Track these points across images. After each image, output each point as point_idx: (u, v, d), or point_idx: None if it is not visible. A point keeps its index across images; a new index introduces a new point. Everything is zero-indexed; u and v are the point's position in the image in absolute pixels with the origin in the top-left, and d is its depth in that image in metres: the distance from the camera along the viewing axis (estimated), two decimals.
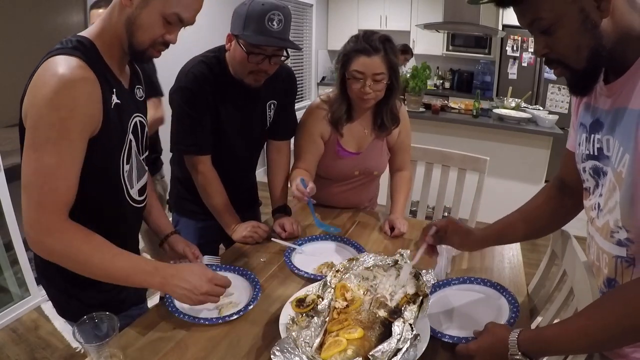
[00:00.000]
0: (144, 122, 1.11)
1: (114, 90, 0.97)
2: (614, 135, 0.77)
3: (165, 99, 1.60)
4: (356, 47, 1.44)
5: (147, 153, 1.15)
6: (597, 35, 0.73)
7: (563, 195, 1.06)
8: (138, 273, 0.96)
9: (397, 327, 0.85)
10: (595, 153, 0.83)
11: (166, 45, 0.97)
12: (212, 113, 1.38)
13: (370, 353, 0.80)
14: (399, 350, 0.80)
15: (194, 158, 1.42)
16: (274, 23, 1.22)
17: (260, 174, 1.73)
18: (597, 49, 0.74)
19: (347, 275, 1.06)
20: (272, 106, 1.52)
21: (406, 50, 4.77)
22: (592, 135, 0.84)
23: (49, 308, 2.41)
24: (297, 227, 1.49)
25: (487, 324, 0.91)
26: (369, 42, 1.43)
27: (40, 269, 1.09)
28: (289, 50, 1.33)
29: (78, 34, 0.95)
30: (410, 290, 0.97)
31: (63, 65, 0.85)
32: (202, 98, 1.34)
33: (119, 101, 0.98)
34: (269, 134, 1.59)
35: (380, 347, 0.81)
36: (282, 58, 1.33)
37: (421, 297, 0.95)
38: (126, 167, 1.03)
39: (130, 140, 1.03)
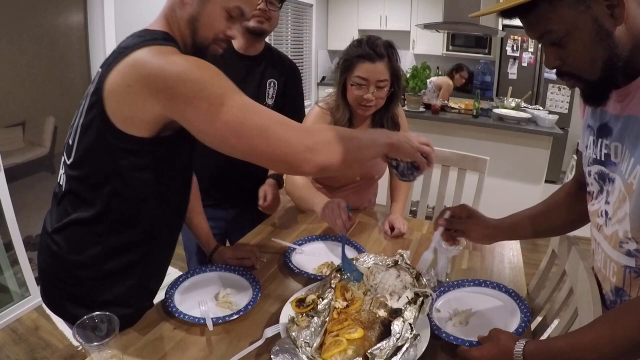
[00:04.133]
0: None
1: None
2: (623, 143, 0.75)
3: None
4: (360, 52, 1.41)
5: None
6: (611, 44, 0.69)
7: (582, 195, 1.02)
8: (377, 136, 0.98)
9: (396, 326, 0.85)
10: (602, 158, 0.81)
11: (227, 41, 0.98)
12: None
13: (369, 351, 0.80)
14: (398, 349, 0.80)
15: None
16: None
17: None
18: (612, 59, 0.70)
19: (347, 275, 1.06)
20: (272, 84, 1.56)
21: (461, 68, 4.94)
22: (600, 140, 0.82)
23: None
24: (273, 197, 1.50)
25: (491, 330, 0.88)
26: (373, 48, 1.39)
27: (40, 270, 1.07)
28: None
29: (151, 29, 0.93)
30: (410, 294, 0.96)
31: (170, 51, 0.84)
32: None
33: None
34: None
35: (379, 345, 0.81)
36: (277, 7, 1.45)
37: (421, 298, 0.95)
38: None
39: None
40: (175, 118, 0.83)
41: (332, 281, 1.03)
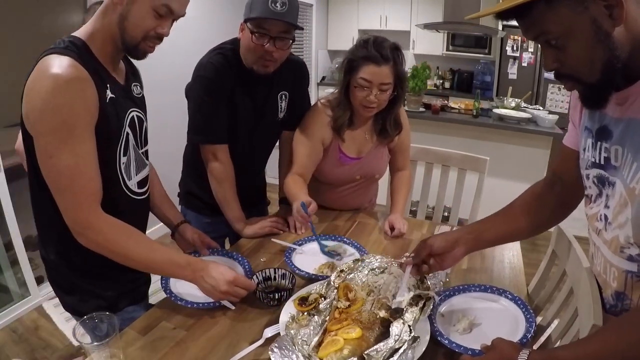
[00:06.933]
0: (142, 117, 1.14)
1: (108, 85, 1.00)
2: (625, 147, 0.74)
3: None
4: (366, 54, 1.39)
5: (146, 147, 1.18)
6: (610, 46, 0.68)
7: (553, 194, 1.01)
8: (172, 266, 1.05)
9: (395, 327, 0.85)
10: (602, 162, 0.81)
11: (159, 39, 1.00)
12: (229, 102, 1.41)
13: (366, 352, 0.80)
14: (395, 351, 0.80)
15: (214, 147, 1.43)
16: (277, 5, 1.25)
17: (269, 177, 1.78)
18: (612, 61, 0.69)
19: (351, 276, 1.06)
20: (283, 97, 1.54)
21: None
22: (599, 143, 0.81)
23: (49, 308, 2.41)
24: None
25: (494, 339, 0.85)
26: (379, 51, 1.37)
27: (47, 262, 1.11)
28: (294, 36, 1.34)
29: (71, 35, 0.98)
30: (412, 294, 0.96)
31: (56, 65, 0.88)
32: (221, 87, 1.37)
33: (113, 96, 1.01)
34: (281, 124, 1.60)
35: (376, 346, 0.81)
36: (290, 41, 1.33)
37: (424, 300, 0.94)
38: (123, 159, 1.06)
39: (127, 134, 1.07)
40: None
41: (336, 281, 1.03)
